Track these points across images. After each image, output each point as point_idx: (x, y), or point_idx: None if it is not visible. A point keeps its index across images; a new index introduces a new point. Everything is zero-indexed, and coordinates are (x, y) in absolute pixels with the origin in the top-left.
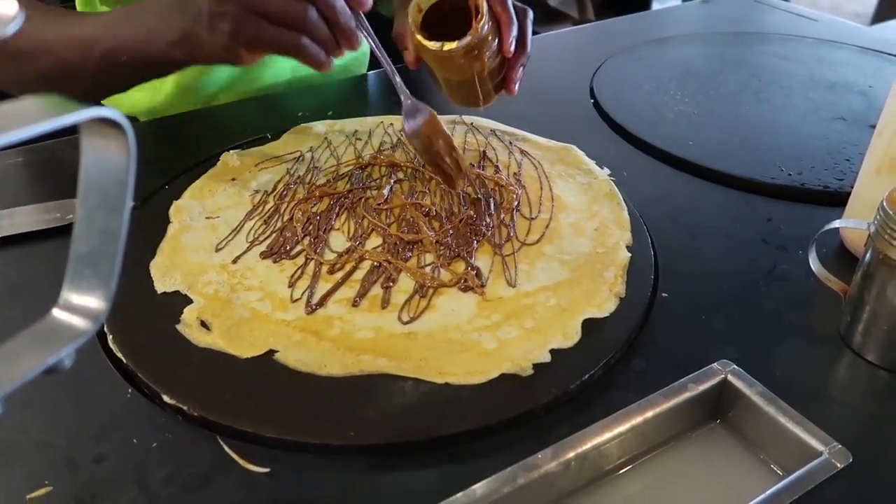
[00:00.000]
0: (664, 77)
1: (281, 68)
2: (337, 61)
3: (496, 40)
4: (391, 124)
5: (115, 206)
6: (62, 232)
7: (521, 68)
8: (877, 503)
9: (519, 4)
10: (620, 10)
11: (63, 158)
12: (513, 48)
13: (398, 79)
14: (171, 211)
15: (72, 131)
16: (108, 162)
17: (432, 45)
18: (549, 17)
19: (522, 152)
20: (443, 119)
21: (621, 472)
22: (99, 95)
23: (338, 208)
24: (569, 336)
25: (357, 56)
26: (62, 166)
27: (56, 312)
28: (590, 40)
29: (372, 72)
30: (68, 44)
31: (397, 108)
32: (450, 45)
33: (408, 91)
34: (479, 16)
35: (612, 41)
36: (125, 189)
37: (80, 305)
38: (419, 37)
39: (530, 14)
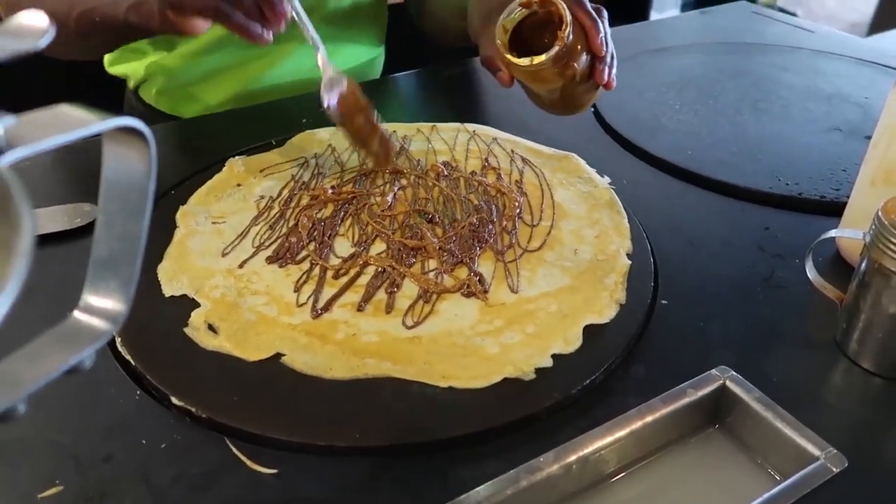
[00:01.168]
0: (663, 87)
1: (283, 70)
2: (348, 64)
3: (582, 45)
4: (394, 131)
5: (135, 211)
6: (82, 233)
7: (608, 65)
8: None
9: (594, 4)
10: (620, 20)
11: (80, 162)
12: (604, 47)
13: (321, 52)
14: (178, 216)
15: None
16: (129, 169)
17: (522, 61)
18: None
19: (524, 160)
20: (445, 127)
21: (621, 475)
22: (87, 52)
23: (342, 214)
24: (570, 341)
25: (366, 62)
26: (79, 170)
27: (77, 314)
28: None
29: (373, 80)
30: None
31: (399, 114)
32: (539, 59)
33: (331, 63)
34: (564, 25)
35: None
36: (146, 195)
37: (100, 308)
38: (509, 56)
39: (605, 13)
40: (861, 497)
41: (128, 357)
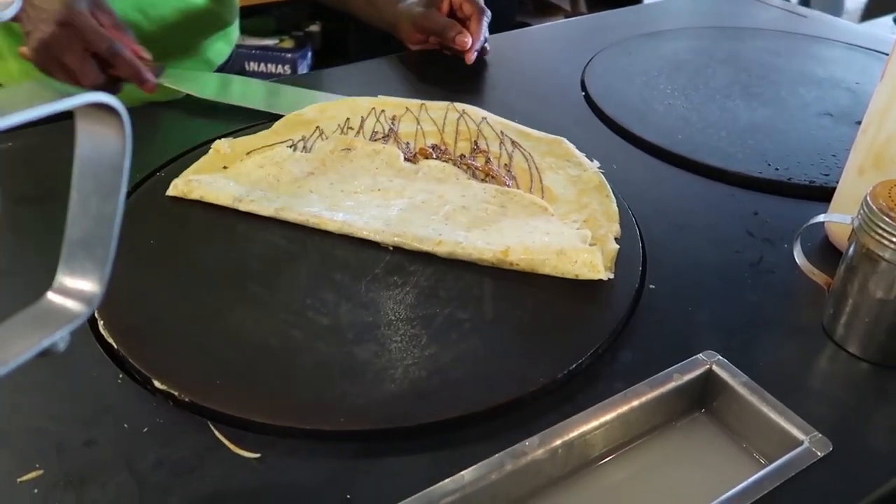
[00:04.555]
0: (655, 71)
1: None
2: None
3: None
4: (382, 111)
5: (110, 191)
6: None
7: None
8: (854, 490)
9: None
10: (612, 4)
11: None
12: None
13: None
14: (171, 189)
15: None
16: (103, 147)
17: None
18: (541, 10)
19: (513, 143)
20: (435, 105)
21: (607, 460)
22: None
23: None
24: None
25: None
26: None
27: (51, 296)
28: (582, 33)
29: (361, 62)
30: None
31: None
32: None
33: None
34: None
35: (603, 34)
36: (120, 174)
37: (75, 289)
38: None
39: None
40: (845, 481)
41: (110, 340)
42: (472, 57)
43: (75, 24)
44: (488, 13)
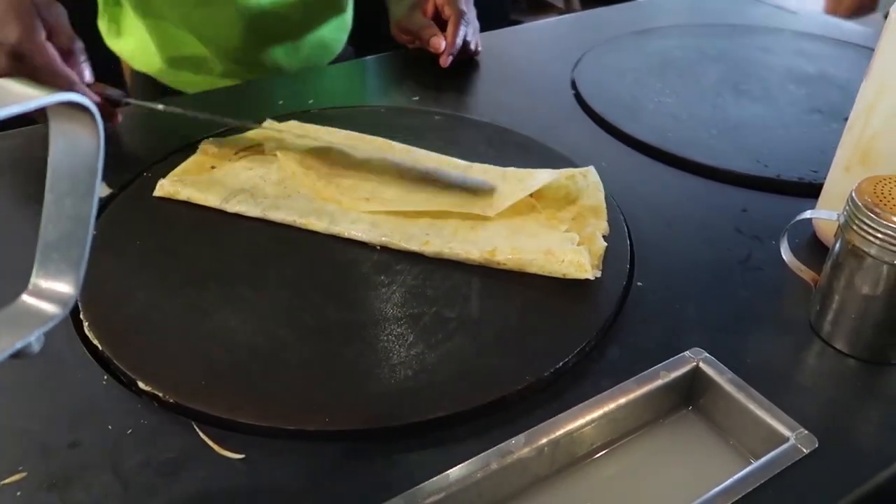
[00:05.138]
0: (645, 68)
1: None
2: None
3: None
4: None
5: (84, 191)
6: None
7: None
8: (840, 487)
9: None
10: (606, 0)
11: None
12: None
13: None
14: (158, 190)
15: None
16: (77, 147)
17: None
18: (535, 7)
19: None
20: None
21: (595, 457)
22: None
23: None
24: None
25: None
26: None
27: (25, 297)
28: (573, 30)
29: (352, 61)
30: None
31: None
32: None
33: None
34: None
35: (595, 31)
36: (95, 175)
37: (50, 290)
38: None
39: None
40: (831, 477)
41: (95, 341)
42: (446, 60)
43: (27, 63)
44: (467, 17)
